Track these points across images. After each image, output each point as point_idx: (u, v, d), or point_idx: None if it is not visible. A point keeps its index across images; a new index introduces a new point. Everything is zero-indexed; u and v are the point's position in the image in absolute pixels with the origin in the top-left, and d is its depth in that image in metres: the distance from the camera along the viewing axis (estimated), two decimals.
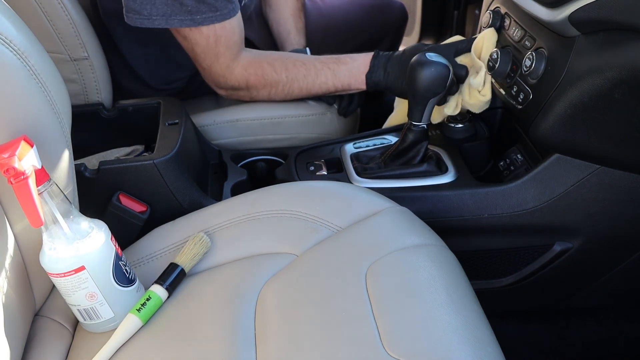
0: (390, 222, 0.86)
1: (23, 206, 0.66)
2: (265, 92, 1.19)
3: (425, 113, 1.01)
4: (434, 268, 0.77)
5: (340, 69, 1.17)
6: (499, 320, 0.85)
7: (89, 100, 1.18)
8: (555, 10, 0.86)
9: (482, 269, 1.10)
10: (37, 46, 0.72)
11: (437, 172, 1.04)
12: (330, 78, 1.17)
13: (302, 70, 1.17)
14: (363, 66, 1.16)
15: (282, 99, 1.22)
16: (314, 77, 1.17)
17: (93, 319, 0.77)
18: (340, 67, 1.17)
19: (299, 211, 0.89)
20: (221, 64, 1.14)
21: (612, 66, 0.80)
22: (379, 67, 1.14)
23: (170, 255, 0.88)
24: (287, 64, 1.17)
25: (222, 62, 1.14)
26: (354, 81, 1.17)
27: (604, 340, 1.25)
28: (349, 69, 1.16)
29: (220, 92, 1.22)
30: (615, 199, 0.96)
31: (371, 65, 1.15)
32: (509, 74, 1.01)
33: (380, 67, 1.14)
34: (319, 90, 1.19)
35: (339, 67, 1.17)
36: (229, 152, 1.26)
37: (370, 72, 1.15)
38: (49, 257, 0.72)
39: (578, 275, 1.10)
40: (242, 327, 0.74)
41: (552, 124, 0.91)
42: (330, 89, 1.19)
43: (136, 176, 1.01)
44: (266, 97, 1.21)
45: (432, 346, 0.66)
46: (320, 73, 1.17)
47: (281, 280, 0.80)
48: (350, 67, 1.16)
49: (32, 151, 0.67)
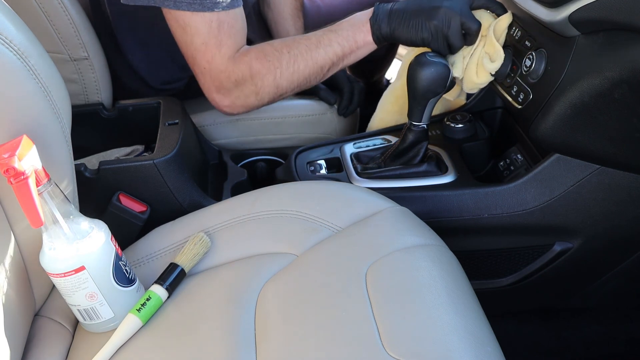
0: (390, 222, 0.86)
1: (23, 206, 0.66)
2: (270, 76, 1.08)
3: (425, 113, 1.01)
4: (434, 268, 0.77)
5: (341, 26, 1.10)
6: (499, 320, 0.84)
7: (89, 100, 1.18)
8: (555, 10, 0.86)
9: (482, 269, 1.10)
10: (37, 46, 0.72)
11: (437, 172, 1.04)
12: (333, 38, 1.09)
13: (303, 42, 1.09)
14: (365, 15, 1.09)
15: (289, 82, 1.10)
16: (316, 43, 1.09)
17: (93, 319, 0.77)
18: (342, 25, 1.10)
19: (299, 211, 0.89)
20: (223, 55, 1.06)
21: (612, 66, 0.80)
22: (382, 13, 1.07)
23: (170, 255, 0.88)
24: (287, 42, 1.11)
25: (225, 53, 1.06)
26: (359, 32, 1.08)
27: (604, 340, 1.25)
28: (350, 23, 1.09)
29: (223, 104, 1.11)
30: (615, 199, 0.96)
31: (374, 12, 1.08)
32: (509, 74, 1.01)
33: (383, 12, 1.07)
34: (326, 57, 1.09)
35: (340, 25, 1.10)
36: (229, 152, 1.26)
37: (374, 18, 1.07)
38: (49, 257, 0.72)
39: (578, 275, 1.10)
40: (242, 327, 0.74)
41: (552, 124, 0.91)
42: (336, 51, 1.09)
43: (136, 176, 1.01)
44: (272, 84, 1.09)
45: (432, 346, 0.66)
46: (322, 38, 1.09)
47: (281, 280, 0.80)
48: (351, 21, 1.10)
49: (32, 151, 0.67)
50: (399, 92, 1.19)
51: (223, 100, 1.11)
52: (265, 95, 1.10)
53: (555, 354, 1.26)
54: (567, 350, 1.25)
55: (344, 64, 1.12)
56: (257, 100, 1.11)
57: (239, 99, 1.10)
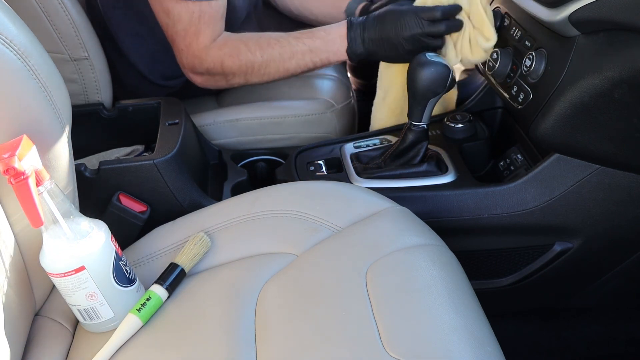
0: (390, 222, 0.86)
1: (23, 206, 0.66)
2: (241, 75, 1.14)
3: (425, 113, 1.01)
4: (434, 268, 0.77)
5: (315, 44, 1.12)
6: (499, 320, 0.84)
7: (89, 100, 1.18)
8: (555, 10, 0.86)
9: (482, 269, 1.10)
10: (37, 46, 0.72)
11: (437, 172, 1.04)
12: (307, 54, 1.12)
13: (277, 48, 1.12)
14: (339, 39, 1.11)
15: (259, 81, 1.16)
16: (290, 54, 1.12)
17: (93, 319, 0.77)
18: (316, 42, 1.12)
19: (299, 211, 0.89)
20: (199, 44, 1.11)
21: (612, 66, 0.80)
22: (356, 38, 1.10)
23: (170, 255, 0.88)
24: (261, 43, 1.13)
25: (201, 42, 1.11)
26: (332, 55, 1.12)
27: (604, 340, 1.25)
28: (324, 43, 1.12)
29: (196, 80, 1.18)
30: (615, 199, 0.96)
31: (349, 40, 1.11)
32: (509, 74, 1.01)
33: (357, 38, 1.10)
34: (297, 68, 1.14)
35: (314, 42, 1.12)
36: (229, 152, 1.26)
37: (350, 47, 1.10)
38: (49, 257, 0.72)
39: (578, 275, 1.10)
40: (242, 327, 0.74)
41: (552, 124, 0.91)
42: (308, 65, 1.14)
43: (136, 176, 1.01)
44: (242, 80, 1.16)
45: (432, 346, 0.66)
46: (296, 49, 1.12)
47: (281, 280, 0.80)
48: (325, 41, 1.12)
49: (32, 151, 0.67)
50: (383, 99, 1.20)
51: (195, 78, 1.19)
52: (234, 84, 1.19)
53: (555, 354, 1.26)
54: (567, 350, 1.25)
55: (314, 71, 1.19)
56: (227, 85, 1.19)
57: (209, 81, 1.18)
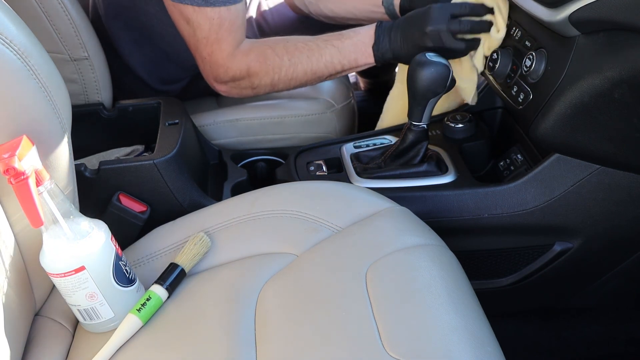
0: (390, 222, 0.86)
1: (23, 206, 0.66)
2: (267, 79, 1.12)
3: (425, 113, 1.01)
4: (434, 268, 0.77)
5: (344, 44, 1.11)
6: (499, 320, 0.84)
7: (89, 100, 1.18)
8: (555, 10, 0.86)
9: (482, 269, 1.10)
10: (37, 46, 0.72)
11: (437, 172, 1.04)
12: (335, 55, 1.11)
13: (305, 51, 1.11)
14: (368, 38, 1.11)
15: (286, 86, 1.14)
16: (318, 56, 1.11)
17: (93, 319, 0.77)
18: (345, 43, 1.11)
19: (299, 211, 0.89)
20: (223, 51, 1.09)
21: (612, 66, 0.80)
22: (384, 37, 1.09)
23: (170, 255, 0.88)
24: (288, 47, 1.12)
25: (224, 49, 1.09)
26: (361, 55, 1.11)
27: (604, 340, 1.25)
28: (353, 43, 1.11)
29: (220, 89, 1.16)
30: (615, 199, 0.96)
31: (376, 37, 1.10)
32: (509, 74, 1.01)
33: (385, 36, 1.09)
34: (325, 71, 1.12)
35: (342, 42, 1.11)
36: (229, 152, 1.26)
37: (377, 44, 1.09)
38: (49, 257, 0.72)
39: (578, 275, 1.10)
40: (242, 327, 0.74)
41: (552, 124, 0.91)
42: (337, 68, 1.12)
43: (136, 176, 1.01)
44: (269, 85, 1.13)
45: (432, 346, 0.66)
46: (325, 52, 1.11)
47: (281, 280, 0.80)
48: (354, 41, 1.11)
49: (32, 151, 0.67)
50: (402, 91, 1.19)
51: (220, 87, 1.15)
52: (261, 91, 1.15)
53: (555, 354, 1.26)
54: (567, 350, 1.25)
55: (342, 75, 1.17)
56: (253, 93, 1.15)
57: (234, 89, 1.15)
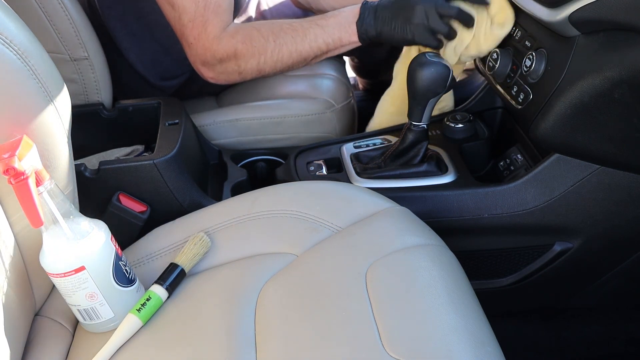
0: (390, 222, 0.86)
1: (23, 206, 0.66)
2: (254, 61, 1.12)
3: (425, 113, 1.01)
4: (434, 268, 0.77)
5: (328, 22, 1.12)
6: (499, 320, 0.85)
7: (89, 100, 1.18)
8: (555, 10, 0.86)
9: (482, 269, 1.10)
10: (37, 46, 0.72)
11: (437, 172, 1.04)
12: (320, 35, 1.11)
13: (290, 32, 1.11)
14: (352, 16, 1.11)
15: (272, 69, 1.15)
16: (302, 36, 1.11)
17: (93, 319, 0.77)
18: (329, 21, 1.12)
19: (299, 211, 0.89)
20: (209, 34, 1.09)
21: (612, 66, 0.80)
22: (369, 14, 1.09)
23: (170, 255, 0.88)
24: (273, 29, 1.12)
25: (210, 32, 1.09)
26: (344, 33, 1.11)
27: (604, 340, 1.25)
28: (337, 21, 1.11)
29: (207, 75, 1.15)
30: (615, 199, 0.96)
31: (360, 13, 1.10)
32: (509, 74, 1.01)
33: (370, 14, 1.09)
34: (310, 51, 1.12)
35: (327, 21, 1.12)
36: (229, 152, 1.26)
37: (361, 20, 1.09)
38: (49, 257, 0.72)
39: (578, 275, 1.10)
40: (242, 327, 0.74)
41: (552, 124, 0.91)
42: (321, 47, 1.12)
43: (136, 176, 1.01)
44: (255, 68, 1.14)
45: (432, 346, 0.66)
46: (309, 32, 1.11)
47: (281, 280, 0.80)
48: (338, 19, 1.12)
49: (32, 151, 0.67)
50: (396, 93, 1.19)
51: (207, 72, 1.16)
52: (247, 75, 1.15)
53: (555, 354, 1.26)
54: (567, 350, 1.25)
55: (327, 56, 1.17)
56: (240, 78, 1.16)
57: (222, 74, 1.15)
